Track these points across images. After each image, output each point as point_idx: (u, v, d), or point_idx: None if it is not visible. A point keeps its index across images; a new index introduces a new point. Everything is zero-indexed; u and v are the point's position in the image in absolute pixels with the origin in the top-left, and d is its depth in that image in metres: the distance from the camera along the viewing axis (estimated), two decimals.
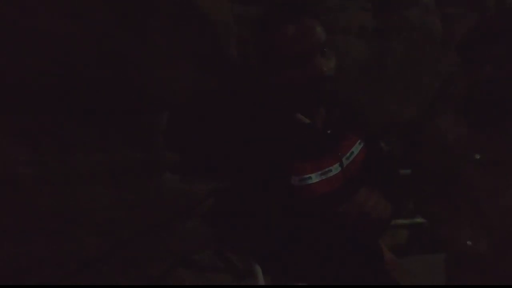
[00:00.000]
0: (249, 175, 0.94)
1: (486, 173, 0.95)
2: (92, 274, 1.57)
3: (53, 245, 1.48)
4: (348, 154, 0.98)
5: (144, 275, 1.67)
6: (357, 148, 1.01)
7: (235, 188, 1.03)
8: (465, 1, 1.97)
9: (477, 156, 0.96)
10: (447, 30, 1.94)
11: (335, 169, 0.95)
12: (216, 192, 1.69)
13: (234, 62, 1.49)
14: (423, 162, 1.09)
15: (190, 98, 1.51)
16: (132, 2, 1.26)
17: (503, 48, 0.87)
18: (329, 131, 0.96)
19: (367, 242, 1.04)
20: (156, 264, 1.70)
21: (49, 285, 1.46)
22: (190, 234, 1.74)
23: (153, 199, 1.61)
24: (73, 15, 1.21)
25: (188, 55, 1.41)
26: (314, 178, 0.92)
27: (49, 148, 1.40)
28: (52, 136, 1.39)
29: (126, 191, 1.56)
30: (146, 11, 1.29)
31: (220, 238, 1.79)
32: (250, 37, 1.48)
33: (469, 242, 0.97)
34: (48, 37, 1.20)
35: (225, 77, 1.51)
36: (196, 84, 1.48)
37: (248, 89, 1.53)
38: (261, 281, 1.22)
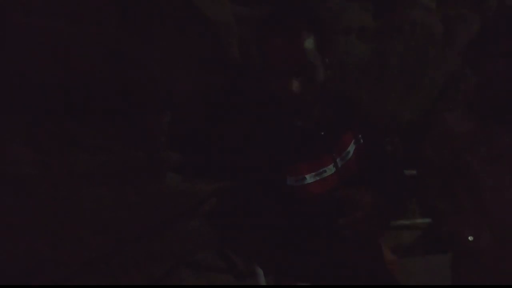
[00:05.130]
0: (247, 176, 0.95)
1: (491, 168, 0.95)
2: (94, 274, 1.57)
3: (56, 245, 1.49)
4: (343, 154, 0.98)
5: (146, 275, 1.67)
6: (352, 147, 1.00)
7: (235, 189, 1.04)
8: (466, 2, 1.97)
9: (483, 151, 0.96)
10: (447, 30, 1.94)
11: (330, 170, 0.95)
12: (218, 192, 1.70)
13: (236, 62, 1.50)
14: (429, 156, 1.08)
15: (192, 99, 1.52)
16: (135, 5, 1.27)
17: None
18: (323, 133, 0.96)
19: (367, 241, 1.04)
20: (158, 263, 1.71)
21: (50, 285, 1.46)
22: (193, 234, 1.75)
23: (155, 199, 1.62)
24: (77, 17, 1.22)
25: (190, 56, 1.42)
26: (309, 178, 0.92)
27: (52, 148, 1.41)
28: (55, 137, 1.40)
29: (129, 191, 1.57)
30: (149, 14, 1.30)
31: (222, 238, 1.80)
32: (252, 38, 1.49)
33: (470, 238, 0.97)
34: (53, 39, 1.22)
35: (227, 77, 1.52)
36: (198, 85, 1.49)
37: (249, 90, 1.54)
38: (262, 281, 1.22)
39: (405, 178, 1.17)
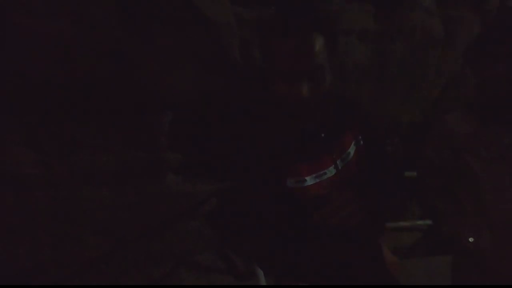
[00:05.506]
0: (247, 177, 0.95)
1: (491, 168, 0.95)
2: (94, 274, 1.57)
3: (56, 245, 1.49)
4: (344, 156, 0.98)
5: (146, 276, 1.68)
6: (353, 149, 1.01)
7: (235, 189, 1.03)
8: (466, 3, 1.97)
9: (483, 152, 0.96)
10: (448, 32, 1.94)
11: (330, 171, 0.95)
12: (219, 193, 1.70)
13: (236, 63, 1.50)
14: (429, 157, 1.09)
15: (193, 99, 1.52)
16: (135, 5, 1.28)
17: None
18: (323, 134, 0.96)
19: (367, 242, 1.04)
20: (158, 264, 1.71)
21: (50, 285, 1.47)
22: (193, 235, 1.75)
23: (156, 200, 1.62)
24: (77, 17, 1.22)
25: (191, 57, 1.42)
26: (309, 180, 0.92)
27: (53, 149, 1.41)
28: (56, 138, 1.41)
29: (129, 192, 1.57)
30: (150, 14, 1.30)
31: (222, 239, 1.80)
32: (253, 39, 1.50)
33: (471, 239, 0.97)
34: (53, 39, 1.22)
35: (227, 78, 1.52)
36: (199, 85, 1.49)
37: (249, 91, 1.54)
38: (262, 282, 1.22)
39: (405, 179, 1.17)
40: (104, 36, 1.27)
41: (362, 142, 1.03)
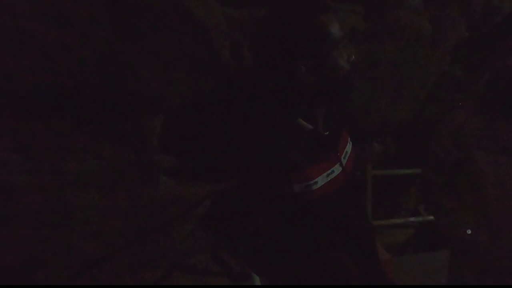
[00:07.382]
0: (249, 183, 0.94)
1: (496, 163, 0.96)
2: (87, 280, 1.55)
3: (47, 252, 1.47)
4: (344, 154, 0.99)
5: (140, 280, 1.66)
6: (349, 146, 1.02)
7: (230, 192, 1.03)
8: (453, 3, 2.01)
9: (489, 146, 0.97)
10: (436, 31, 1.97)
11: (337, 169, 0.95)
12: (213, 195, 1.69)
13: (228, 64, 1.50)
14: (436, 154, 1.10)
15: (185, 102, 1.52)
16: (127, 8, 1.27)
17: None
18: (327, 133, 0.96)
19: (363, 241, 1.05)
20: (152, 268, 1.69)
21: (49, 285, 1.45)
22: (186, 238, 1.74)
23: (148, 203, 1.61)
24: (68, 21, 1.21)
25: (182, 59, 1.42)
26: (320, 182, 0.91)
27: (43, 154, 1.39)
28: (45, 144, 1.39)
29: (122, 196, 1.55)
30: (140, 17, 1.30)
31: (216, 241, 1.79)
32: (244, 40, 1.49)
33: (469, 231, 0.98)
34: (42, 42, 1.20)
35: (219, 80, 1.52)
36: (191, 88, 1.49)
37: (244, 92, 1.54)
38: (257, 283, 1.22)
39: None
40: (94, 39, 1.26)
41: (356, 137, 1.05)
